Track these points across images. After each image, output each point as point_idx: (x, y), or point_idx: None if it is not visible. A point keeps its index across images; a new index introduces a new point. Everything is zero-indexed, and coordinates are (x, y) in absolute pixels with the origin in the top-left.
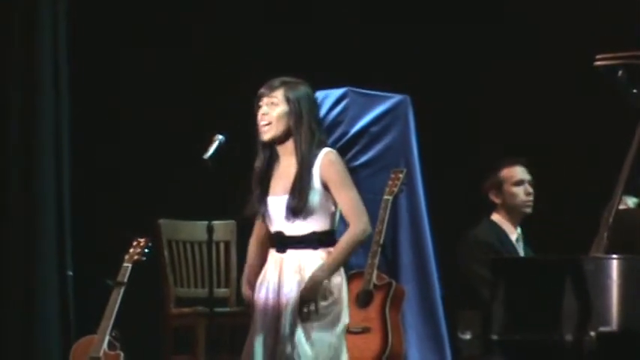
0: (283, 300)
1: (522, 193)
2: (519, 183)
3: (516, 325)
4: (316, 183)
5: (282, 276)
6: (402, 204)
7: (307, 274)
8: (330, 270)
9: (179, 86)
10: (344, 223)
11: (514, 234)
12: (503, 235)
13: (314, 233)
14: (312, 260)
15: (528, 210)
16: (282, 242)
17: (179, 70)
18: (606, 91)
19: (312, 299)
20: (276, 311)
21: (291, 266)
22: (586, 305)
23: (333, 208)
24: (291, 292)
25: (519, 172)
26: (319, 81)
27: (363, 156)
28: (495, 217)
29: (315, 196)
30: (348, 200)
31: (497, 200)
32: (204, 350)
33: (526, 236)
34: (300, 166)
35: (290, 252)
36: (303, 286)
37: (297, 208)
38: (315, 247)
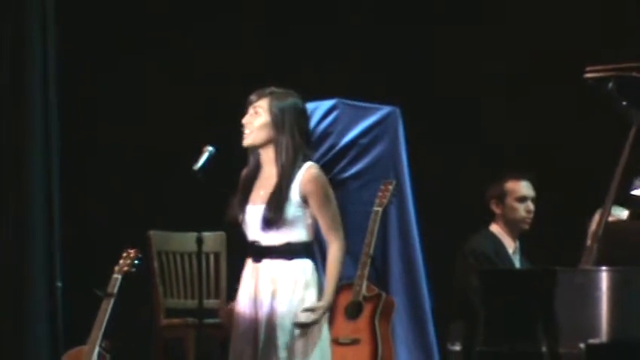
0: (258, 310)
1: (523, 210)
2: (522, 199)
3: (505, 337)
4: (295, 196)
5: (258, 286)
6: (391, 215)
7: (281, 285)
8: (334, 293)
9: (170, 97)
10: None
11: (512, 246)
12: (500, 247)
13: (288, 244)
14: (286, 271)
15: (525, 227)
16: (258, 252)
17: (170, 81)
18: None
19: (319, 319)
20: (253, 321)
21: (266, 276)
22: (575, 317)
23: (310, 220)
24: (265, 302)
25: (524, 187)
26: (309, 91)
27: (353, 167)
28: (494, 227)
29: (292, 209)
30: (328, 217)
31: (497, 211)
32: None
33: (524, 249)
34: (279, 178)
35: (265, 262)
36: (277, 296)
37: (272, 219)
38: (290, 258)
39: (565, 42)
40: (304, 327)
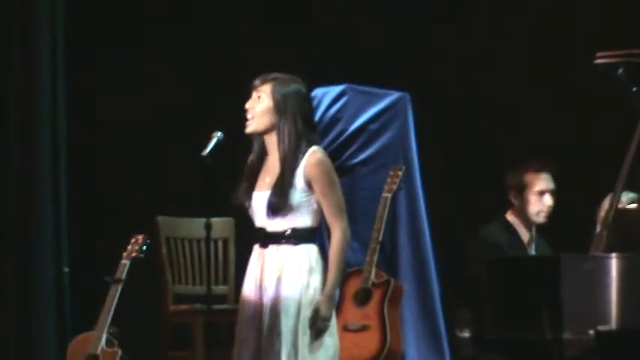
0: (263, 296)
1: (541, 204)
2: (541, 193)
3: (514, 324)
4: (299, 181)
5: (263, 272)
6: (400, 201)
7: (286, 271)
8: (336, 283)
9: (178, 82)
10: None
11: (527, 236)
12: (514, 236)
13: (294, 230)
14: (292, 257)
15: (542, 220)
16: (264, 238)
17: (178, 67)
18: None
19: (328, 316)
20: (258, 307)
21: (272, 262)
22: (584, 303)
23: (315, 206)
24: (270, 288)
25: (544, 180)
26: (318, 78)
27: (362, 153)
28: (510, 216)
29: (297, 194)
30: (331, 203)
31: (515, 202)
32: (203, 347)
33: (541, 235)
34: (282, 164)
35: (271, 248)
36: (282, 282)
37: (277, 205)
38: (295, 244)
39: (573, 29)
40: (319, 334)
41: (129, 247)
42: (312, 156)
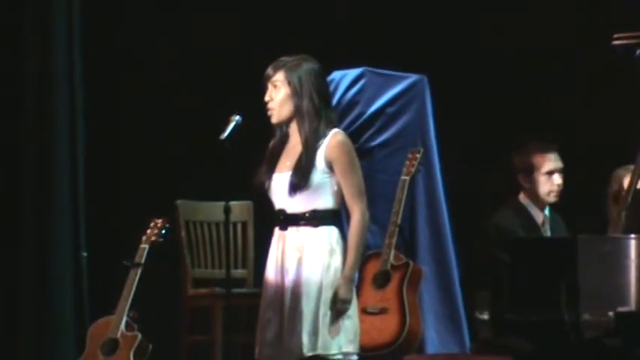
0: (285, 278)
1: (551, 184)
2: (551, 173)
3: (533, 305)
4: (320, 162)
5: (284, 254)
6: (419, 184)
7: (307, 252)
8: (355, 265)
9: (196, 67)
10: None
11: (540, 217)
12: (527, 219)
13: (315, 211)
14: (312, 238)
15: (554, 200)
16: (285, 220)
17: (196, 51)
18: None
19: (349, 298)
20: (279, 288)
21: (292, 244)
22: (604, 285)
23: (336, 187)
24: (291, 269)
25: (552, 160)
26: (336, 61)
27: (380, 136)
28: (523, 198)
29: (318, 175)
30: (351, 185)
31: (525, 185)
32: (222, 331)
33: (554, 215)
34: (304, 146)
35: (291, 229)
36: (302, 264)
37: (299, 185)
38: (316, 225)
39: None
40: (338, 316)
41: (148, 231)
42: (334, 138)
